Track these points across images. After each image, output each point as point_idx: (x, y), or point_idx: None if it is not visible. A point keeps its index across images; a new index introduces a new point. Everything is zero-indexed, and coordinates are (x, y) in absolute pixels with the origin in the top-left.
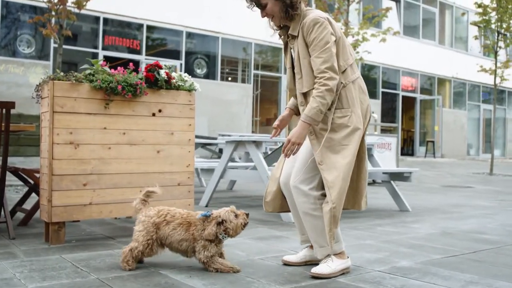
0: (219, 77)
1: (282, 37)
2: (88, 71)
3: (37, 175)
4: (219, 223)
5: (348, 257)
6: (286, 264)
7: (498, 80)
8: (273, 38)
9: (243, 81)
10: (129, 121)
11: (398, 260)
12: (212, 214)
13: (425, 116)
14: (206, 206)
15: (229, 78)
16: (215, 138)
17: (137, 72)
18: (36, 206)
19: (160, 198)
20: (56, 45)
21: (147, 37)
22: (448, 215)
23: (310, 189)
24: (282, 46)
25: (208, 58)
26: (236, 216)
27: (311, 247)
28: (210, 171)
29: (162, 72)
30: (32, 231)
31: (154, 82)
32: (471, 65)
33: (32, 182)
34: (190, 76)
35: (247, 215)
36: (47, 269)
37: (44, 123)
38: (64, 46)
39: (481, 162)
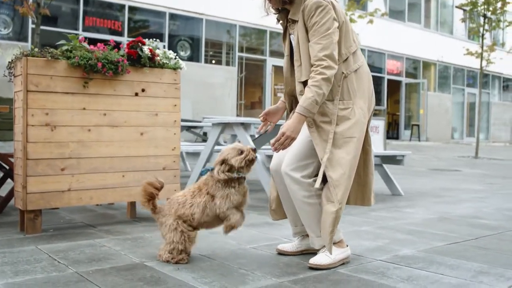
0: (203, 60)
1: (281, 22)
2: (65, 47)
3: (12, 159)
4: (222, 162)
5: (347, 246)
6: (281, 253)
7: (484, 63)
8: (258, 20)
9: (227, 63)
10: (110, 101)
11: (399, 248)
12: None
13: (410, 100)
14: None
15: (213, 61)
16: (199, 122)
17: (119, 49)
18: (11, 193)
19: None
20: (34, 26)
21: (129, 19)
22: (440, 199)
23: (302, 177)
24: (282, 32)
25: (191, 40)
26: (241, 152)
27: (307, 235)
28: (195, 154)
29: (146, 49)
30: (6, 219)
31: (137, 59)
32: (456, 49)
33: (7, 167)
34: (175, 54)
35: (254, 150)
36: (21, 262)
37: (17, 103)
38: (43, 27)
39: (465, 146)
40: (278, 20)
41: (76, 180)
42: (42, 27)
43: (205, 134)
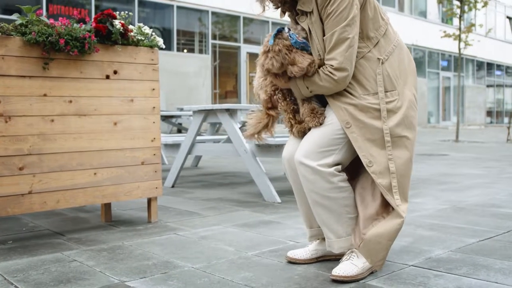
0: (175, 48)
1: (289, 13)
2: (19, 22)
3: None
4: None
5: None
6: (292, 262)
7: (462, 45)
8: (231, 6)
9: (200, 51)
10: (76, 86)
11: (428, 248)
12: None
13: None
14: (173, 186)
15: (185, 50)
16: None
17: (85, 23)
18: None
19: (119, 181)
20: None
21: (96, 6)
22: (445, 186)
23: (320, 165)
24: (256, 18)
25: (162, 27)
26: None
27: (323, 239)
28: (174, 146)
29: (117, 23)
30: None
31: (107, 35)
32: (430, 32)
33: None
34: (151, 29)
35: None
36: None
37: None
38: (4, 17)
39: (443, 130)
40: (284, 13)
41: (38, 181)
42: (3, 16)
43: (180, 124)
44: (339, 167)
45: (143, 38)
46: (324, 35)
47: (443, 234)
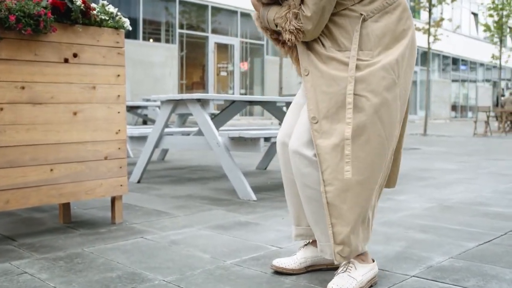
0: (141, 37)
1: None
2: None
3: None
4: None
5: (374, 261)
6: (279, 271)
7: (431, 39)
8: None
9: (167, 41)
10: (30, 70)
11: (427, 255)
12: None
13: None
14: (138, 182)
15: (151, 39)
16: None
17: None
18: None
19: (79, 178)
20: None
21: None
22: (425, 182)
23: (316, 155)
24: (225, 7)
25: (128, 16)
26: None
27: (313, 243)
28: (141, 139)
29: (77, 0)
30: None
31: (66, 13)
32: None
33: None
34: (116, 9)
35: None
36: None
37: None
38: None
39: (408, 123)
40: None
41: None
42: None
43: (146, 115)
44: None
45: (107, 18)
46: None
47: (438, 237)
